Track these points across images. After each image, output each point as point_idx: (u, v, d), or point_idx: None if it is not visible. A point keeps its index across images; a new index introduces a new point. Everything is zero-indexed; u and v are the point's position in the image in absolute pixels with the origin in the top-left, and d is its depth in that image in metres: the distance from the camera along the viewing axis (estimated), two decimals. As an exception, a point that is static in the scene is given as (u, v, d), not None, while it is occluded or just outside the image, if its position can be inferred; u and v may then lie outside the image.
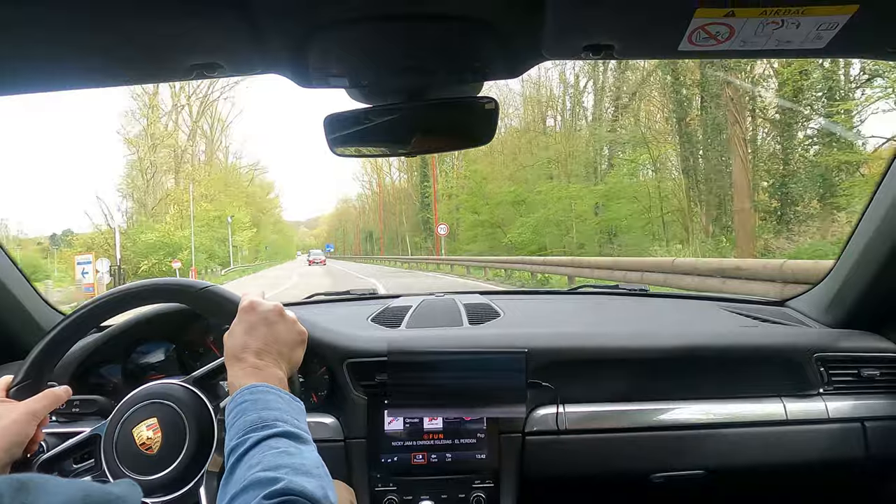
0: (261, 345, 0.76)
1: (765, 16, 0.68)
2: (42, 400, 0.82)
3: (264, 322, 0.79)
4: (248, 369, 0.73)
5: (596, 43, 0.77)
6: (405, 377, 1.13)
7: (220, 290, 0.89)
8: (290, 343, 0.80)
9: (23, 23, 0.66)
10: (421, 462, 1.16)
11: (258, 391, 0.69)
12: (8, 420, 0.77)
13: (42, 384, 0.84)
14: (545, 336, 1.25)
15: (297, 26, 0.73)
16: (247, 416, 0.65)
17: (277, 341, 0.78)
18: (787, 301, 1.57)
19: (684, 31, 0.72)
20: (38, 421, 0.80)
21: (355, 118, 0.95)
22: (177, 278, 0.93)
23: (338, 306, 1.82)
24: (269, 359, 0.75)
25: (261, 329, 0.78)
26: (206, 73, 0.79)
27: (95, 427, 0.84)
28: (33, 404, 0.80)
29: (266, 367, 0.74)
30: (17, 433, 0.77)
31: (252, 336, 0.77)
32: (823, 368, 1.23)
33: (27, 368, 0.84)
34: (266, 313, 0.80)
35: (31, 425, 0.79)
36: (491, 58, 0.83)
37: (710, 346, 1.24)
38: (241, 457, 0.61)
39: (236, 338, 0.77)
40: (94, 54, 0.76)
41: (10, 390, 0.83)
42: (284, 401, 0.69)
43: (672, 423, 1.19)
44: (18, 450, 0.77)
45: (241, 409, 0.66)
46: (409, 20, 0.73)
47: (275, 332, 0.78)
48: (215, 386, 0.87)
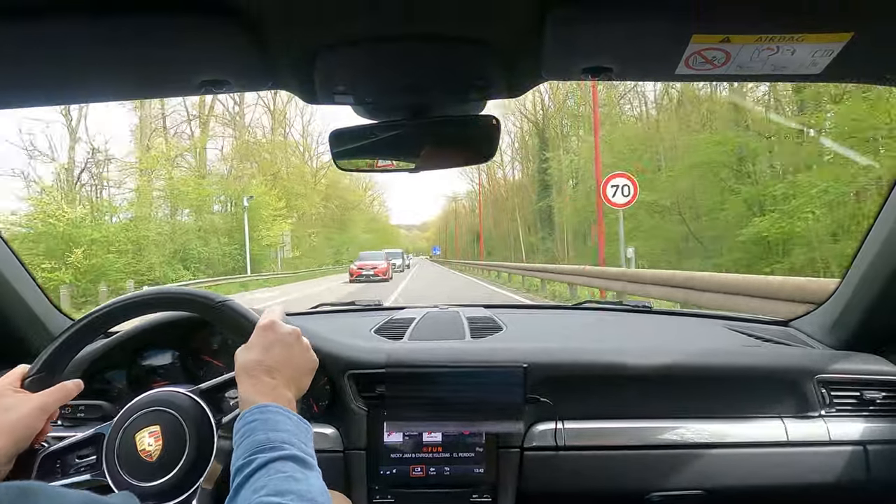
0: (275, 364, 0.77)
1: (760, 42, 0.69)
2: (54, 393, 0.83)
3: (281, 343, 0.79)
4: (261, 386, 0.74)
5: (595, 65, 0.79)
6: (402, 390, 1.14)
7: (239, 307, 0.90)
8: (301, 368, 0.81)
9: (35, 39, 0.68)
10: (419, 475, 1.17)
11: (268, 411, 0.69)
12: (20, 412, 0.79)
13: (55, 380, 0.86)
14: (545, 351, 1.25)
15: (302, 46, 0.75)
16: (255, 435, 0.65)
17: (291, 364, 0.79)
18: (792, 321, 1.56)
19: (681, 56, 0.73)
20: (48, 414, 0.82)
21: (360, 133, 0.97)
22: (193, 289, 0.94)
23: (342, 317, 1.83)
24: (280, 379, 0.76)
25: (277, 349, 0.78)
26: (215, 89, 0.82)
27: (101, 426, 0.85)
28: (45, 397, 0.82)
29: (277, 387, 0.75)
30: (27, 426, 0.79)
31: (268, 354, 0.77)
32: (825, 390, 1.22)
33: (42, 363, 0.85)
34: (284, 335, 0.81)
35: (41, 418, 0.81)
36: (491, 78, 0.85)
37: (712, 365, 1.24)
38: (247, 478, 0.61)
39: (252, 354, 0.78)
40: (102, 70, 0.78)
41: (25, 381, 0.84)
42: (293, 423, 0.69)
43: (672, 442, 1.18)
44: (26, 442, 0.79)
45: (249, 429, 0.66)
46: (410, 41, 0.75)
47: (290, 355, 0.79)
48: (221, 399, 0.88)
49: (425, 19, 0.72)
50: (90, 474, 0.83)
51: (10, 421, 0.78)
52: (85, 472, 0.83)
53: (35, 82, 0.81)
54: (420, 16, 0.71)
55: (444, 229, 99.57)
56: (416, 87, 0.86)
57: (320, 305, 1.95)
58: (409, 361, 1.19)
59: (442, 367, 1.17)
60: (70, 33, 0.68)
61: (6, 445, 0.76)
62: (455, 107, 0.95)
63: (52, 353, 0.86)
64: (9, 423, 0.78)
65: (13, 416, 0.78)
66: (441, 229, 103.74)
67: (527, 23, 0.71)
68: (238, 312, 0.89)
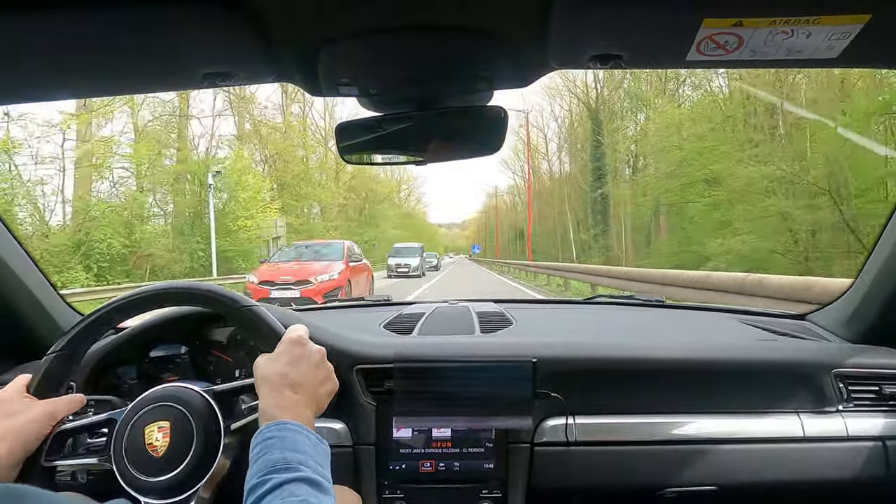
0: (299, 380, 0.76)
1: (774, 25, 0.67)
2: (62, 403, 0.84)
3: (308, 360, 0.79)
4: (283, 400, 0.73)
5: (604, 53, 0.77)
6: (411, 385, 1.14)
7: (265, 314, 0.88)
8: (324, 389, 0.80)
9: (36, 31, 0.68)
10: (429, 470, 1.16)
11: (287, 429, 0.68)
12: (26, 418, 0.79)
13: (64, 383, 0.87)
14: (555, 345, 1.24)
15: (305, 37, 0.74)
16: (272, 453, 0.64)
17: (314, 383, 0.78)
18: (808, 315, 1.53)
19: (692, 41, 0.72)
20: (56, 420, 0.82)
21: (366, 126, 0.96)
22: (218, 286, 0.93)
23: (352, 312, 1.83)
24: (303, 395, 0.75)
25: (303, 365, 0.78)
26: (218, 81, 0.81)
27: (114, 412, 0.86)
28: (53, 405, 0.83)
29: (299, 404, 0.74)
30: (34, 432, 0.80)
31: (294, 369, 0.77)
32: (842, 385, 1.20)
33: (48, 368, 0.85)
34: (312, 353, 0.80)
35: (49, 424, 0.81)
36: (498, 68, 0.84)
37: (726, 359, 1.22)
38: (259, 498, 0.60)
39: (277, 366, 0.77)
40: (105, 63, 0.78)
41: (31, 388, 0.84)
42: (311, 443, 0.68)
43: (684, 438, 1.17)
44: (33, 447, 0.79)
45: (266, 445, 0.66)
46: (413, 31, 0.74)
47: (315, 374, 0.79)
48: (234, 403, 0.88)
49: (428, 9, 0.71)
50: (97, 458, 0.84)
51: (18, 425, 0.78)
52: (93, 455, 0.84)
53: (36, 77, 0.81)
54: (423, 6, 0.70)
55: (484, 226, 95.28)
56: (420, 78, 0.85)
57: (330, 301, 1.95)
58: (418, 356, 1.19)
59: (451, 362, 1.16)
60: (70, 27, 0.67)
61: (14, 449, 0.77)
62: (461, 98, 0.94)
63: (62, 349, 0.87)
64: (17, 426, 0.78)
65: (21, 420, 0.79)
66: (481, 226, 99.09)
67: (532, 10, 0.70)
68: (263, 319, 0.87)
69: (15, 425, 0.78)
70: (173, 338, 1.23)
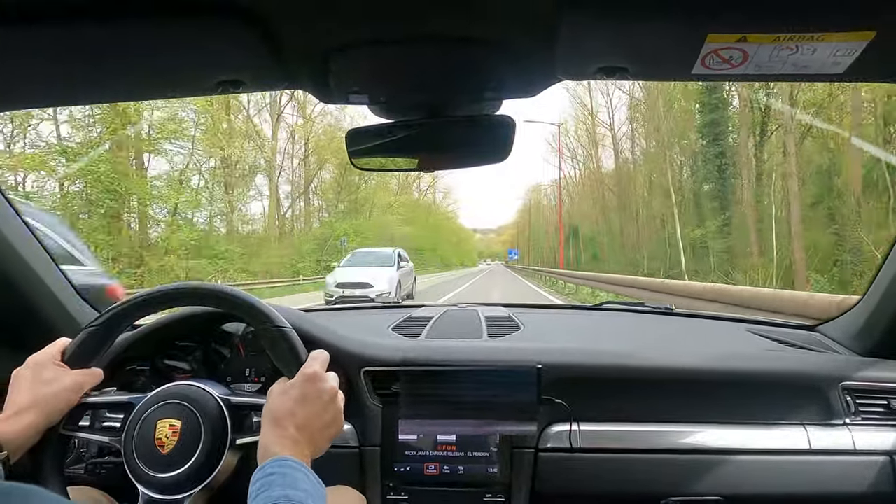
0: (305, 420, 0.77)
1: (779, 42, 0.68)
2: (91, 375, 0.88)
3: (318, 400, 0.79)
4: (285, 439, 0.74)
5: (610, 65, 0.78)
6: (417, 388, 1.15)
7: (294, 340, 0.87)
8: (327, 430, 0.80)
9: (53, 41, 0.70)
10: (433, 473, 1.17)
11: (288, 466, 0.69)
12: (59, 386, 0.82)
13: (94, 358, 0.89)
14: (561, 351, 1.24)
15: (316, 46, 0.76)
16: (273, 490, 0.64)
17: (318, 424, 0.78)
18: (818, 326, 1.52)
19: (697, 55, 0.72)
20: (82, 394, 0.86)
21: (376, 133, 0.98)
22: (259, 301, 0.92)
23: (361, 314, 1.85)
24: (304, 436, 0.76)
25: (311, 405, 0.78)
26: (231, 89, 0.84)
27: (135, 396, 0.89)
28: (83, 377, 0.86)
29: (299, 443, 0.75)
30: (65, 402, 0.83)
31: (301, 408, 0.77)
32: (850, 398, 1.19)
33: (84, 339, 0.88)
34: (323, 391, 0.80)
35: (76, 396, 0.85)
36: (506, 78, 0.85)
37: (732, 369, 1.21)
38: None
39: (287, 401, 0.78)
40: (120, 71, 0.80)
41: (65, 355, 0.87)
42: (311, 483, 0.69)
43: (690, 447, 1.16)
44: (58, 417, 0.83)
45: (267, 482, 0.66)
46: (424, 41, 0.76)
47: (322, 415, 0.79)
48: (244, 417, 0.89)
49: (438, 20, 0.72)
50: (109, 437, 0.87)
51: (51, 393, 0.81)
52: (106, 434, 0.87)
53: (53, 83, 0.84)
54: (433, 16, 0.72)
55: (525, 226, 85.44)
56: (429, 87, 0.86)
57: (338, 301, 1.97)
58: (425, 360, 1.20)
59: (457, 366, 1.17)
60: (88, 35, 0.70)
61: (40, 418, 0.80)
62: (470, 107, 0.95)
63: (106, 320, 0.90)
64: (51, 394, 0.81)
65: (56, 388, 0.82)
66: (521, 228, 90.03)
67: (540, 23, 0.71)
68: (292, 345, 0.87)
69: (49, 393, 0.81)
70: (187, 335, 1.25)
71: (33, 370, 0.83)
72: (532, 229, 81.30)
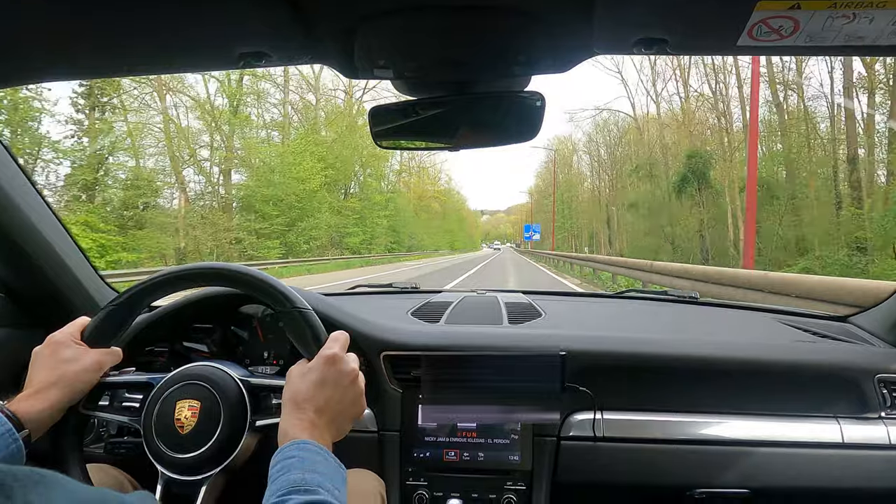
0: (324, 403, 0.75)
1: (834, 8, 0.63)
2: (111, 354, 0.88)
3: (336, 383, 0.78)
4: (304, 422, 0.73)
5: (649, 37, 0.74)
6: (437, 373, 1.13)
7: (314, 321, 0.85)
8: (347, 412, 0.79)
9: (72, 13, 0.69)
10: (453, 459, 1.16)
11: (307, 449, 0.68)
12: (79, 365, 0.82)
13: (114, 337, 0.89)
14: (585, 339, 1.21)
15: (341, 17, 0.73)
16: (291, 473, 0.64)
17: (339, 407, 0.77)
18: (849, 317, 1.48)
19: (744, 25, 0.68)
20: (103, 372, 0.86)
21: (400, 111, 0.95)
22: (280, 282, 0.90)
23: (380, 298, 1.83)
24: (324, 419, 0.75)
25: (330, 388, 0.77)
26: (254, 61, 0.81)
27: (154, 377, 0.89)
28: (102, 356, 0.86)
29: (319, 426, 0.74)
30: (85, 381, 0.83)
31: (320, 391, 0.76)
32: (886, 391, 1.15)
33: (104, 318, 0.88)
34: (342, 375, 0.78)
35: (97, 375, 0.85)
36: (538, 52, 0.81)
37: (761, 360, 1.18)
38: None
39: (305, 386, 0.76)
40: (143, 43, 0.78)
41: (85, 333, 0.86)
42: (330, 466, 0.68)
43: (717, 438, 1.13)
44: (79, 396, 0.83)
45: (287, 465, 0.65)
46: (454, 11, 0.72)
47: (342, 397, 0.78)
48: (264, 398, 0.88)
49: None
50: (129, 417, 0.86)
51: (73, 371, 0.81)
52: (126, 413, 0.87)
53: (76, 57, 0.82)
54: None
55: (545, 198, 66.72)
56: (458, 60, 0.82)
57: (358, 286, 1.96)
58: (445, 345, 1.18)
59: (478, 351, 1.15)
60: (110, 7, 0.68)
61: (61, 397, 0.79)
62: (498, 83, 0.91)
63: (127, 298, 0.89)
64: (72, 373, 0.81)
65: (77, 367, 0.82)
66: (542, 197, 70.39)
67: None
68: (312, 326, 0.85)
69: (69, 372, 0.81)
70: (206, 317, 1.24)
71: (53, 349, 0.82)
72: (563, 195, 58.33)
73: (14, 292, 1.24)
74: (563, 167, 61.08)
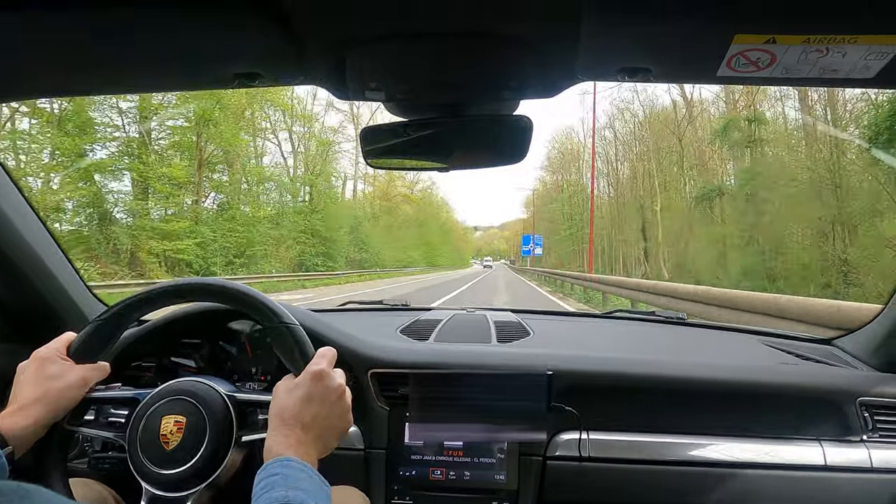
0: (311, 420, 0.76)
1: (808, 43, 0.66)
2: (96, 370, 0.87)
3: (323, 398, 0.78)
4: (290, 439, 0.73)
5: (633, 66, 0.77)
6: (425, 391, 1.13)
7: (302, 337, 0.86)
8: (334, 428, 0.79)
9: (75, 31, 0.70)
10: (439, 478, 1.16)
11: (291, 466, 0.68)
12: (64, 382, 0.82)
13: (100, 352, 0.89)
14: (572, 358, 1.22)
15: (333, 40, 0.75)
16: (275, 490, 0.64)
17: (325, 422, 0.77)
18: (834, 340, 1.49)
19: (723, 57, 0.71)
20: (88, 388, 0.85)
21: (392, 131, 0.97)
22: (267, 297, 0.91)
23: (369, 316, 1.84)
24: (311, 435, 0.75)
25: (317, 404, 0.77)
26: (248, 82, 0.83)
27: (140, 392, 0.88)
28: (88, 372, 0.85)
29: (305, 443, 0.74)
30: (70, 397, 0.82)
31: (307, 407, 0.76)
32: (868, 414, 1.16)
33: (91, 334, 0.88)
34: (329, 391, 0.79)
35: (82, 391, 0.84)
36: (526, 77, 0.84)
37: (746, 382, 1.19)
38: None
39: (292, 402, 0.77)
40: (138, 62, 0.80)
41: (71, 349, 0.86)
42: (315, 483, 0.68)
43: (701, 460, 1.14)
44: (63, 412, 0.82)
45: (270, 482, 0.65)
46: (444, 37, 0.75)
47: (328, 413, 0.78)
48: (250, 414, 0.88)
49: (459, 16, 0.71)
50: (113, 432, 0.86)
51: (58, 388, 0.81)
52: (110, 430, 0.86)
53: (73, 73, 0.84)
54: (455, 12, 0.70)
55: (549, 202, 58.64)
56: (448, 84, 0.85)
57: (348, 303, 1.96)
58: (433, 363, 1.18)
59: (465, 370, 1.16)
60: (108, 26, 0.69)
61: (45, 413, 0.79)
62: (488, 106, 0.94)
63: (114, 313, 0.89)
64: (57, 390, 0.80)
65: (62, 383, 0.81)
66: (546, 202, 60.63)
67: (562, 21, 0.70)
68: (299, 342, 0.85)
69: (54, 388, 0.80)
70: (194, 331, 1.24)
71: (39, 364, 0.82)
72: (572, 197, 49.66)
73: (1, 305, 1.24)
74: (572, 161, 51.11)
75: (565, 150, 54.12)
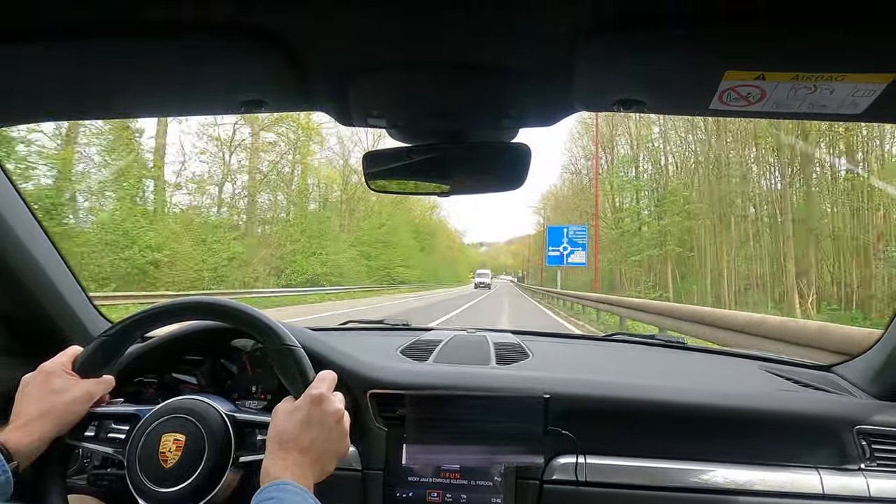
0: (309, 444, 0.76)
1: (797, 80, 0.68)
2: (101, 384, 0.88)
3: (322, 423, 0.79)
4: (287, 462, 0.74)
5: (627, 98, 0.79)
6: (422, 413, 1.14)
7: (303, 360, 0.87)
8: (331, 452, 0.80)
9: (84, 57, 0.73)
10: (436, 500, 1.16)
11: (287, 490, 0.69)
12: (70, 396, 0.82)
13: (105, 368, 0.90)
14: (570, 382, 1.23)
15: (337, 69, 0.78)
16: None
17: (323, 447, 0.78)
18: (833, 366, 1.49)
19: (715, 91, 0.73)
20: (92, 403, 0.86)
21: (394, 156, 0.99)
22: (270, 318, 0.92)
23: (369, 335, 1.85)
24: (308, 459, 0.76)
25: (316, 429, 0.78)
26: (254, 109, 0.85)
27: (141, 408, 0.89)
28: (93, 386, 0.86)
29: (302, 466, 0.74)
30: (74, 412, 0.83)
31: (305, 431, 0.77)
32: (866, 442, 1.16)
33: (96, 349, 0.89)
34: (328, 414, 0.80)
35: (87, 405, 0.85)
36: (524, 108, 0.86)
37: (744, 408, 1.19)
38: None
39: (290, 425, 0.77)
40: (145, 88, 0.83)
41: (76, 364, 0.87)
42: None
43: (699, 486, 1.14)
44: (67, 428, 0.82)
45: None
46: (444, 68, 0.77)
47: (327, 437, 0.79)
48: (249, 434, 0.88)
49: (458, 48, 0.74)
50: (113, 448, 0.86)
51: (63, 403, 0.81)
52: (110, 445, 0.87)
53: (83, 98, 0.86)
54: (453, 44, 0.73)
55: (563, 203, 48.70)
56: (449, 113, 0.87)
57: (348, 322, 1.97)
58: (432, 384, 1.19)
59: (463, 392, 1.16)
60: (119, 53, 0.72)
61: (54, 428, 0.80)
62: (488, 133, 0.96)
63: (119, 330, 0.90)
64: (61, 405, 0.81)
65: (66, 398, 0.82)
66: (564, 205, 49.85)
67: (559, 55, 0.72)
68: (300, 365, 0.86)
69: (59, 403, 0.81)
70: (198, 348, 1.26)
71: (44, 378, 0.83)
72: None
73: (4, 318, 1.25)
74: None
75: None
